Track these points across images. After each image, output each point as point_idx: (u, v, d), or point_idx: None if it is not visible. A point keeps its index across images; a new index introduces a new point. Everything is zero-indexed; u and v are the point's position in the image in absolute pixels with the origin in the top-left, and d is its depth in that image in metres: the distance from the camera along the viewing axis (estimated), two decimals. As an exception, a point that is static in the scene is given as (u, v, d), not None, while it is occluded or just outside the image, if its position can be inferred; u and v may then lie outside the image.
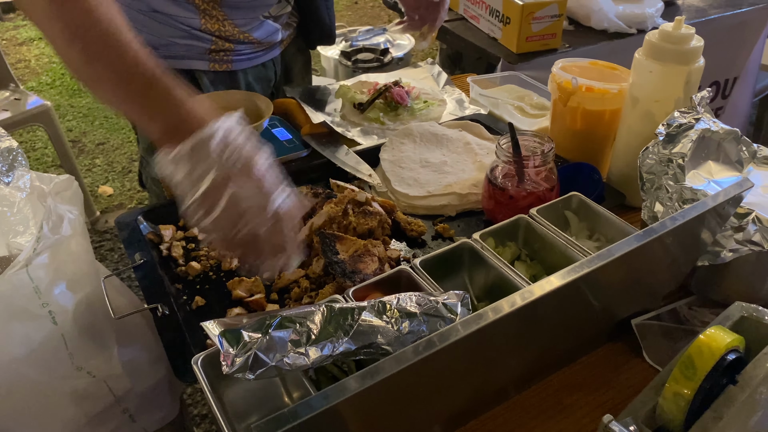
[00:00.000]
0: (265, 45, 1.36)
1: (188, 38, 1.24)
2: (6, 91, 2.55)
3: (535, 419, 0.76)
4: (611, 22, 1.95)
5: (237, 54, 1.31)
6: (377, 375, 0.50)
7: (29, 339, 0.86)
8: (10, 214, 0.98)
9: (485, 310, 0.57)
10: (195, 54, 1.27)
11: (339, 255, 0.89)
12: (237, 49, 1.31)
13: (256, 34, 1.31)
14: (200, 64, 1.29)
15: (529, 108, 1.40)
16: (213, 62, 1.30)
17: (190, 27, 1.23)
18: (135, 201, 2.95)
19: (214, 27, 1.25)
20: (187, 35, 1.24)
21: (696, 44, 0.96)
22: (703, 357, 0.63)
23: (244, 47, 1.32)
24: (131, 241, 0.98)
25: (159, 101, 0.72)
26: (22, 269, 0.84)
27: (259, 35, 1.32)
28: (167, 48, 1.24)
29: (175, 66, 1.26)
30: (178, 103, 0.72)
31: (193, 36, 1.24)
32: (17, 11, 5.29)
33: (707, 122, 0.94)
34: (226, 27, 1.26)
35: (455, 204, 1.09)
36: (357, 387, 0.49)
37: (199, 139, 0.69)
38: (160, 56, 0.95)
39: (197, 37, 1.25)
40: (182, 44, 1.25)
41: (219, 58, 1.30)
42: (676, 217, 0.69)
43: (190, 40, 1.25)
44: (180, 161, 0.70)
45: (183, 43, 1.25)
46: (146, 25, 1.22)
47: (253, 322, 0.61)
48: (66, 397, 0.93)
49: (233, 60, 1.31)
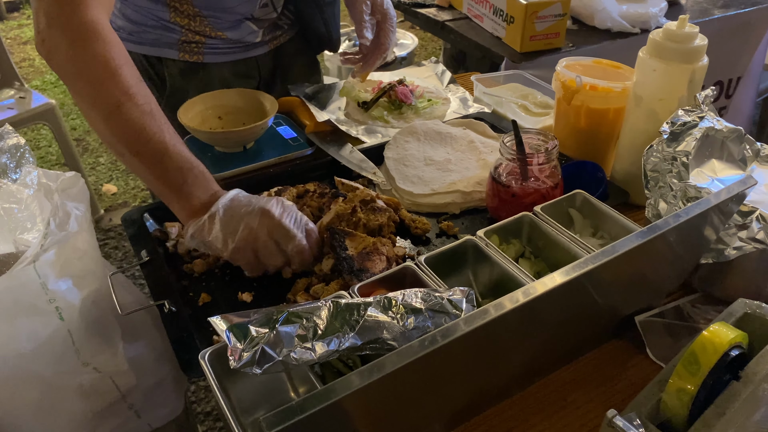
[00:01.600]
0: (241, 44, 1.36)
1: (159, 28, 1.28)
2: (11, 90, 2.57)
3: (539, 415, 0.77)
4: (615, 21, 1.96)
5: (209, 47, 1.32)
6: (383, 369, 0.51)
7: (36, 334, 0.87)
8: (17, 211, 0.99)
9: (489, 306, 0.57)
10: (165, 43, 1.30)
11: (348, 251, 0.90)
12: (208, 43, 1.32)
13: (230, 33, 1.32)
14: (170, 53, 1.31)
15: (533, 106, 1.40)
16: (183, 52, 1.31)
17: (159, 18, 1.26)
18: (139, 199, 2.96)
19: (183, 21, 1.27)
20: (158, 25, 1.27)
21: (700, 43, 0.97)
22: (706, 353, 0.63)
23: (217, 42, 1.33)
24: (138, 237, 0.99)
25: (185, 189, 0.89)
26: (29, 265, 0.85)
27: (232, 35, 1.32)
28: (139, 35, 1.26)
29: (146, 53, 1.30)
30: (199, 186, 0.89)
31: (163, 26, 1.27)
32: (21, 10, 5.31)
33: (711, 121, 0.94)
34: (196, 22, 1.28)
35: (459, 202, 1.09)
36: (363, 381, 0.49)
37: (218, 208, 0.87)
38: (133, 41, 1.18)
39: (167, 28, 1.28)
40: (153, 32, 1.28)
41: (190, 49, 1.31)
42: (680, 215, 0.69)
43: (160, 30, 1.28)
44: (204, 229, 0.87)
45: (154, 32, 1.28)
46: (121, 11, 1.25)
47: (260, 317, 0.61)
48: (72, 393, 0.93)
49: (204, 52, 1.33)
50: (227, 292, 0.91)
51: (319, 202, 1.06)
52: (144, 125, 0.86)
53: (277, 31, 1.43)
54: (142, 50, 1.30)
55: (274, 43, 1.43)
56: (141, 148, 0.87)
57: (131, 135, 0.87)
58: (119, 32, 1.17)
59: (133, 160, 0.89)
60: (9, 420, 0.91)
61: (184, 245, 0.98)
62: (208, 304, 0.89)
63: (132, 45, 1.28)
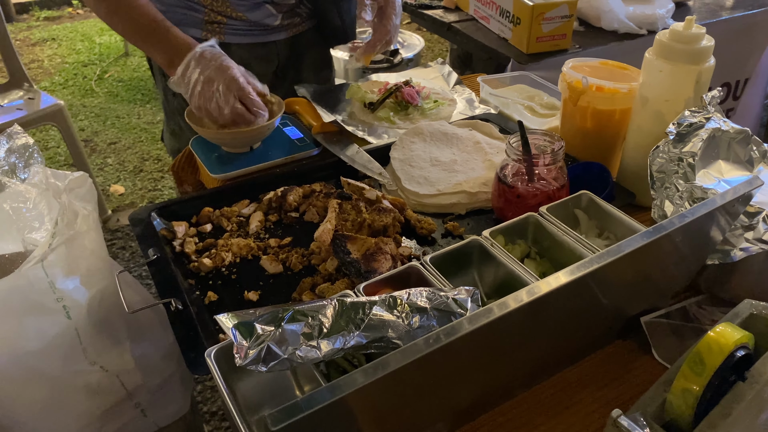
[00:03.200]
0: (260, 26, 1.41)
1: (184, 7, 1.35)
2: (20, 91, 2.58)
3: (544, 415, 0.77)
4: (621, 23, 1.95)
5: (229, 27, 1.39)
6: (388, 367, 0.51)
7: (44, 333, 0.87)
8: (25, 210, 0.99)
9: (494, 305, 0.58)
10: (190, 22, 1.36)
11: (351, 254, 0.90)
12: (229, 24, 1.38)
13: (250, 15, 1.37)
14: (195, 31, 1.37)
15: (539, 108, 1.40)
16: (206, 31, 1.38)
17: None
18: (146, 200, 2.97)
19: (207, 1, 1.34)
20: (183, 4, 1.35)
21: (706, 44, 0.97)
22: (711, 353, 0.63)
23: (237, 23, 1.38)
24: (145, 236, 0.99)
25: (161, 41, 1.17)
26: (37, 264, 0.85)
27: (252, 16, 1.38)
28: (166, 14, 1.30)
29: None
30: (173, 39, 1.16)
31: (187, 6, 1.34)
32: (30, 12, 5.34)
33: (718, 122, 0.94)
34: (218, 1, 1.34)
35: (465, 202, 1.09)
36: (368, 378, 0.50)
37: (189, 60, 1.13)
38: None
39: (191, 7, 1.35)
40: (179, 12, 1.34)
41: (212, 28, 1.38)
42: (686, 215, 0.69)
43: (185, 10, 1.35)
44: (181, 78, 1.14)
45: (179, 11, 1.34)
46: None
47: (266, 315, 0.62)
48: (79, 391, 0.94)
49: (225, 32, 1.39)
50: (233, 290, 0.92)
51: (324, 202, 1.06)
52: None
53: (295, 17, 1.46)
54: None
55: (292, 30, 1.47)
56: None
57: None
58: None
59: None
60: (17, 418, 0.92)
61: (190, 244, 0.99)
62: (214, 302, 0.89)
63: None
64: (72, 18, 5.37)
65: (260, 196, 1.10)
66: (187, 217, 1.06)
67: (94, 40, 4.81)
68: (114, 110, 3.78)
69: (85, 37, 4.87)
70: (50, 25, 5.16)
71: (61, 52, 4.61)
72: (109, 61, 4.45)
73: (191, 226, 1.05)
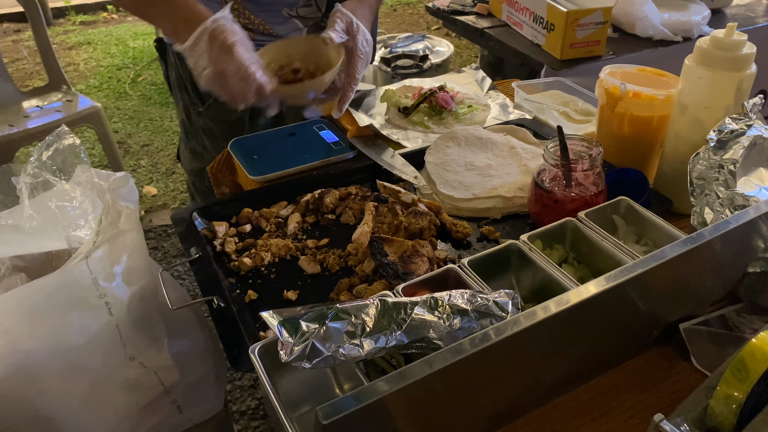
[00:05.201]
0: None
1: None
2: (59, 93, 2.64)
3: (582, 419, 0.77)
4: (656, 29, 1.94)
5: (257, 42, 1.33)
6: (434, 365, 0.52)
7: (87, 328, 0.89)
8: (70, 208, 1.02)
9: (537, 308, 0.58)
10: None
11: (388, 257, 0.91)
12: (256, 38, 1.36)
13: (278, 29, 1.37)
14: None
15: (575, 114, 1.40)
16: None
17: None
18: (178, 201, 3.01)
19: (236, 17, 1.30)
20: None
21: (748, 51, 0.96)
22: (756, 360, 0.62)
23: (265, 38, 1.36)
24: (186, 235, 1.01)
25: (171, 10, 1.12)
26: (82, 261, 0.88)
27: (280, 30, 1.37)
28: None
29: None
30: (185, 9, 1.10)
31: None
32: (66, 16, 5.45)
33: (759, 129, 0.94)
34: (247, 18, 1.33)
35: (500, 207, 1.09)
36: (418, 374, 0.50)
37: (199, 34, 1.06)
38: None
39: None
40: None
41: None
42: (728, 222, 0.69)
43: None
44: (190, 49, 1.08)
45: None
46: None
47: (311, 313, 0.63)
48: (119, 386, 0.96)
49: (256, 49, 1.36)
50: (273, 290, 0.93)
51: (361, 205, 1.07)
52: None
53: (320, 31, 1.45)
54: None
55: None
56: None
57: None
58: None
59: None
60: (58, 410, 0.94)
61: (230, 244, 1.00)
62: (254, 301, 0.91)
63: None
64: (107, 22, 5.48)
65: (298, 198, 1.12)
66: (228, 217, 1.08)
67: (128, 44, 4.90)
68: (147, 113, 3.84)
69: (120, 41, 4.97)
70: (86, 29, 5.27)
71: (96, 55, 4.70)
72: (142, 65, 4.53)
73: (231, 226, 1.06)
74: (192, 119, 1.47)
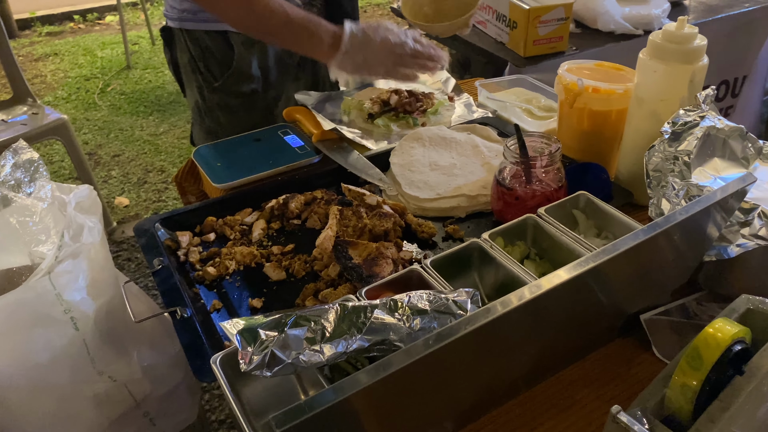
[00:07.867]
0: None
1: None
2: (24, 106, 2.60)
3: (547, 413, 0.77)
4: (618, 23, 1.97)
5: None
6: (389, 368, 0.52)
7: (52, 344, 0.88)
8: (32, 224, 1.01)
9: (492, 305, 0.58)
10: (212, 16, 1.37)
11: (353, 260, 0.91)
12: None
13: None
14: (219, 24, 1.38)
15: (537, 110, 1.41)
16: None
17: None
18: (151, 211, 2.99)
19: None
20: None
21: (699, 43, 0.98)
22: (709, 348, 0.64)
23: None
24: (149, 247, 1.00)
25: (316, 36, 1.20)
26: (44, 277, 0.87)
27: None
28: (203, 13, 1.34)
29: (210, 28, 1.40)
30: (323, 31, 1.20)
31: None
32: (32, 27, 5.38)
33: (712, 120, 0.95)
34: None
35: (465, 206, 1.10)
36: (370, 379, 0.51)
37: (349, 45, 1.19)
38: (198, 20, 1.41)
39: None
40: None
41: None
42: (681, 212, 0.70)
43: None
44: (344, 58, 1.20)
45: None
46: None
47: (270, 321, 0.63)
48: (88, 402, 0.95)
49: None
50: (238, 298, 0.93)
51: (326, 209, 1.07)
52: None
53: (312, 8, 1.48)
54: (206, 27, 1.40)
55: None
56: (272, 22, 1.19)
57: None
58: (184, 14, 1.39)
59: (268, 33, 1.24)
60: (26, 428, 0.93)
61: (194, 254, 1.00)
62: (219, 310, 0.91)
63: (197, 23, 1.39)
64: (74, 33, 5.41)
65: (262, 205, 1.11)
66: (191, 226, 1.07)
67: (96, 54, 4.84)
68: (117, 123, 3.81)
69: (87, 51, 4.91)
70: (52, 40, 5.20)
71: (64, 66, 4.65)
72: (111, 75, 4.48)
73: (195, 235, 1.06)
74: (206, 98, 1.48)
